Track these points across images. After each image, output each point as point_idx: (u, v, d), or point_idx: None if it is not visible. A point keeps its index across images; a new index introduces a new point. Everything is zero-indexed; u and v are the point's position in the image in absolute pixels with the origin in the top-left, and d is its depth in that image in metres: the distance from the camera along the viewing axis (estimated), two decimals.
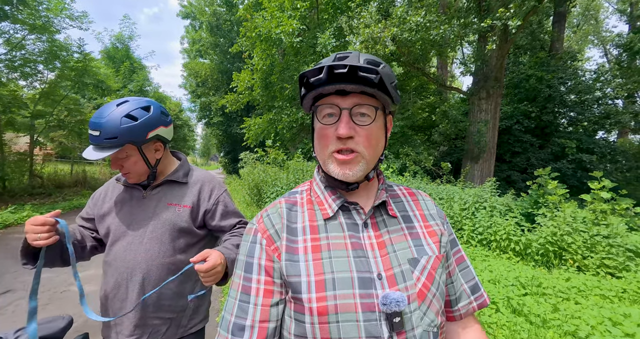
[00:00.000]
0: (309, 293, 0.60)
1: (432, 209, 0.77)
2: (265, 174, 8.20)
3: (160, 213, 1.19)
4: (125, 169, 1.13)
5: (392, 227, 0.69)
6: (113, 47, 16.77)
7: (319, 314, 0.59)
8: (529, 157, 10.12)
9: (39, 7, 8.64)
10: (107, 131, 1.03)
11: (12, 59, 9.04)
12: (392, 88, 0.63)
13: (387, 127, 0.72)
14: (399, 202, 0.76)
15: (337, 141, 0.63)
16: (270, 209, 0.73)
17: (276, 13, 8.70)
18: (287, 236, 0.67)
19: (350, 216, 0.69)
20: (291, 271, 0.63)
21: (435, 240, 0.70)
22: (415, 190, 0.82)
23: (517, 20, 6.09)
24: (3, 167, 9.05)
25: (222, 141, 21.81)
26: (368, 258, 0.64)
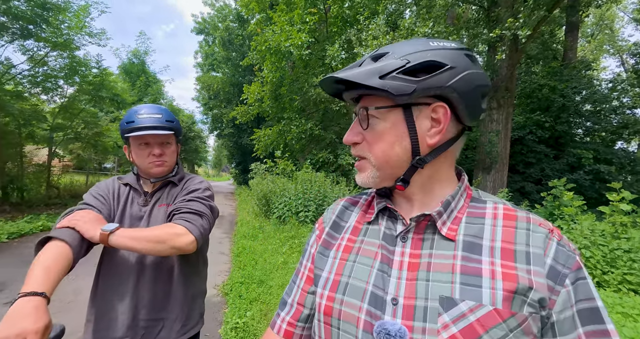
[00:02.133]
0: (323, 288, 0.61)
1: (538, 246, 0.51)
2: (274, 184, 8.21)
3: (154, 215, 1.22)
4: (165, 155, 1.24)
5: (440, 251, 0.54)
6: (130, 62, 17.43)
7: (324, 313, 0.59)
8: (543, 167, 9.85)
9: (61, 26, 9.08)
10: (167, 115, 1.24)
11: (34, 75, 9.47)
12: (385, 81, 0.53)
13: (435, 118, 0.56)
14: (477, 223, 0.56)
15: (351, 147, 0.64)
16: (333, 204, 0.76)
17: (286, 27, 8.90)
18: (329, 231, 0.69)
19: (393, 224, 0.61)
20: (319, 263, 0.66)
21: (507, 287, 0.48)
22: (525, 214, 0.56)
23: (526, 30, 6.04)
24: (22, 178, 9.35)
25: (233, 152, 22.10)
26: (390, 276, 0.55)
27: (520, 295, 0.47)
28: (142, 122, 1.18)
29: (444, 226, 0.56)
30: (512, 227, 0.54)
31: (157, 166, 1.22)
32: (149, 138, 1.20)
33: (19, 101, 8.91)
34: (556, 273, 0.49)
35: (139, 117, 1.19)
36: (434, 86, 0.53)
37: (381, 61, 0.55)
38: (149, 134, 1.18)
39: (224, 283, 4.07)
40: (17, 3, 8.19)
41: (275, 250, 5.37)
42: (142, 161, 1.21)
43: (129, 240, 1.00)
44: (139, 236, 1.02)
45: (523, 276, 0.48)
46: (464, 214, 0.58)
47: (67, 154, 14.49)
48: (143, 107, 1.24)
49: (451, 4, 7.85)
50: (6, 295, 3.48)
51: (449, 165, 0.61)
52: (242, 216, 9.32)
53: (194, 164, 29.87)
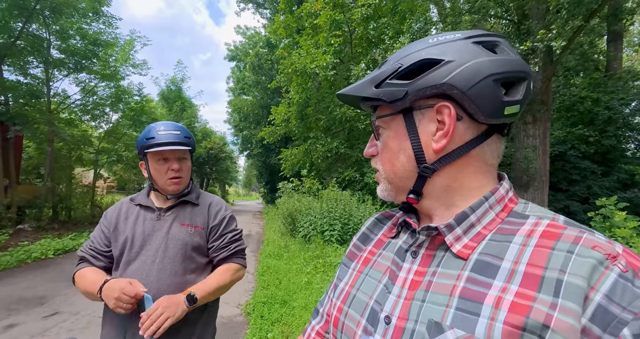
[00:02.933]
0: (337, 299, 0.60)
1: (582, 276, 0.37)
2: (299, 203, 8.21)
3: (173, 233, 1.23)
4: (182, 171, 1.27)
5: (447, 270, 0.47)
6: (167, 89, 18.80)
7: (333, 324, 0.58)
8: (590, 185, 9.04)
9: (110, 59, 10.06)
10: (185, 132, 1.29)
11: (85, 104, 10.47)
12: (380, 90, 0.51)
13: (440, 120, 0.49)
14: (502, 241, 0.45)
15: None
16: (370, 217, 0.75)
17: (311, 50, 9.20)
18: (357, 243, 0.68)
19: (411, 240, 0.55)
20: (341, 274, 0.66)
21: (511, 320, 0.38)
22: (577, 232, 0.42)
23: (561, 41, 5.77)
24: (70, 198, 10.13)
25: (262, 171, 22.62)
26: (389, 293, 0.51)
27: (532, 334, 0.36)
28: (162, 138, 1.21)
29: (457, 242, 0.48)
30: (548, 247, 0.41)
31: (174, 183, 1.25)
32: (168, 153, 1.23)
33: (71, 128, 9.83)
34: (608, 316, 0.35)
35: (158, 133, 1.22)
36: (428, 85, 0.47)
37: (378, 69, 0.53)
38: (168, 150, 1.21)
39: (247, 303, 4.02)
40: (74, 41, 9.23)
41: (300, 270, 5.28)
42: (161, 176, 1.24)
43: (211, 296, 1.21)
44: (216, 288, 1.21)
45: (540, 309, 0.37)
46: (492, 230, 0.48)
47: (110, 175, 15.61)
48: (162, 124, 1.27)
49: (478, 19, 7.76)
50: (45, 309, 3.67)
51: (474, 172, 0.51)
52: (268, 235, 9.35)
53: (225, 183, 30.84)
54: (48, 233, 7.77)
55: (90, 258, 1.24)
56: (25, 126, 8.07)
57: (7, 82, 8.06)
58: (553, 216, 0.46)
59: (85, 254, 1.25)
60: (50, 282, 4.57)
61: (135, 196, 1.34)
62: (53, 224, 8.90)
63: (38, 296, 4.01)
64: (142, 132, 1.26)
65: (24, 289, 4.23)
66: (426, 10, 11.45)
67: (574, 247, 0.39)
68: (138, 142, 1.26)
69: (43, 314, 3.52)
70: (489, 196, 0.50)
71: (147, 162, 1.27)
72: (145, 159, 1.26)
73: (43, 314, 3.50)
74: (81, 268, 1.23)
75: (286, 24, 11.61)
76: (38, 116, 8.65)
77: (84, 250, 1.26)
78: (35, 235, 7.48)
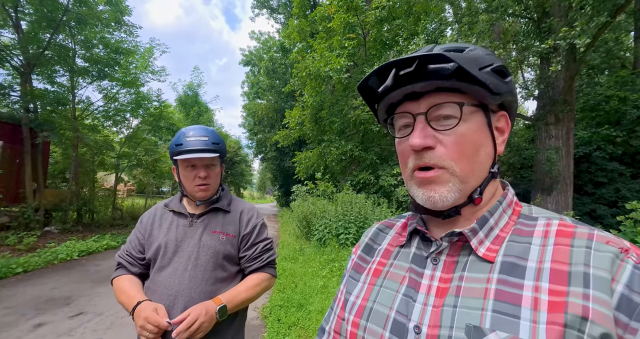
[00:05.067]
0: (350, 313, 0.58)
1: (604, 268, 0.40)
2: (314, 206, 8.21)
3: (205, 241, 1.23)
4: (210, 178, 1.25)
5: (475, 274, 0.47)
6: (185, 94, 19.30)
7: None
8: (618, 188, 8.64)
9: (130, 67, 10.42)
10: (214, 137, 1.26)
11: (107, 110, 10.86)
12: (485, 74, 0.47)
13: (499, 128, 0.53)
14: (522, 242, 0.47)
15: (413, 155, 0.51)
16: (370, 227, 0.73)
17: (325, 53, 9.23)
18: (362, 254, 0.67)
19: (425, 246, 0.55)
20: (349, 288, 0.63)
21: (555, 320, 0.38)
22: (588, 230, 0.45)
23: (585, 38, 5.56)
24: (93, 201, 10.50)
25: (276, 175, 22.80)
26: (415, 302, 0.49)
27: (572, 329, 0.37)
28: (190, 144, 1.20)
29: (481, 246, 0.49)
30: (567, 245, 0.44)
31: (201, 190, 1.24)
32: (196, 160, 1.22)
33: (94, 133, 10.21)
34: (632, 304, 0.38)
35: (187, 140, 1.21)
36: (510, 91, 0.51)
37: (471, 52, 0.49)
38: (195, 158, 1.21)
39: (263, 306, 4.04)
40: (97, 50, 9.61)
41: (315, 273, 5.26)
42: (189, 183, 1.24)
43: (241, 306, 1.21)
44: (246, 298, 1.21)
45: (575, 302, 0.38)
46: (508, 232, 0.50)
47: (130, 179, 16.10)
48: (191, 129, 1.26)
49: (495, 18, 7.59)
50: (71, 309, 3.79)
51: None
52: (283, 238, 9.38)
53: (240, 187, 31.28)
54: (73, 235, 8.07)
55: (126, 263, 1.26)
56: (52, 132, 8.44)
57: (36, 91, 8.47)
58: (560, 217, 0.50)
59: (122, 260, 1.27)
60: (75, 283, 4.73)
61: (169, 202, 1.35)
62: (77, 226, 9.24)
63: (64, 296, 4.15)
64: (173, 138, 1.26)
65: (51, 289, 4.39)
66: (441, 11, 11.32)
67: (590, 243, 0.43)
68: (169, 148, 1.27)
69: (69, 314, 3.64)
70: (502, 200, 0.53)
71: (177, 168, 1.27)
72: (176, 164, 1.27)
73: (69, 314, 3.62)
74: (119, 276, 1.25)
75: (300, 28, 11.72)
76: (64, 123, 9.03)
77: (121, 255, 1.28)
78: (61, 237, 7.78)
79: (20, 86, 8.21)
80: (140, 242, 1.27)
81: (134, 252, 1.26)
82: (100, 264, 5.99)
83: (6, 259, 5.23)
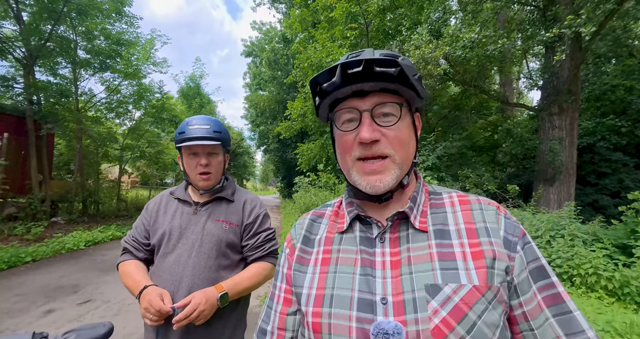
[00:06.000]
0: (307, 305, 0.58)
1: (492, 221, 0.57)
2: (315, 197, 8.26)
3: (209, 229, 1.26)
4: (211, 166, 1.27)
5: (416, 243, 0.56)
6: (187, 86, 19.22)
7: (313, 331, 0.56)
8: (621, 178, 8.59)
9: (132, 58, 10.39)
10: (216, 126, 1.29)
11: (110, 102, 10.88)
12: (415, 81, 0.57)
13: (417, 126, 0.64)
14: (440, 213, 0.61)
15: (360, 147, 0.57)
16: (299, 219, 0.75)
17: (327, 44, 9.14)
18: (302, 246, 0.67)
19: (367, 229, 0.61)
20: (298, 281, 0.63)
21: (480, 265, 0.52)
22: (475, 197, 0.62)
23: (591, 26, 5.45)
24: (98, 193, 10.63)
25: (278, 166, 22.85)
26: (375, 278, 0.55)
27: (490, 268, 0.52)
28: (192, 132, 1.23)
29: (416, 220, 0.59)
30: (469, 209, 0.60)
31: (203, 179, 1.26)
32: (197, 148, 1.25)
33: (97, 125, 10.26)
34: (509, 242, 0.55)
35: (189, 128, 1.25)
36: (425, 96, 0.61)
37: (405, 61, 0.56)
38: (196, 145, 1.23)
39: (266, 294, 4.13)
40: (99, 42, 9.57)
41: None
42: (192, 171, 1.27)
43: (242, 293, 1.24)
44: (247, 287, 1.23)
45: (487, 249, 0.54)
46: (427, 207, 0.62)
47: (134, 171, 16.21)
48: (194, 118, 1.29)
49: (500, 6, 7.44)
50: (79, 296, 3.90)
51: None
52: (286, 229, 9.48)
53: (243, 178, 31.41)
54: (79, 226, 8.21)
55: (132, 249, 1.29)
56: (56, 124, 8.50)
57: (39, 83, 8.50)
58: (453, 190, 0.66)
59: (128, 245, 1.30)
60: (83, 271, 4.85)
61: (175, 190, 1.38)
62: (83, 217, 9.39)
63: (72, 284, 4.27)
64: (179, 127, 1.30)
65: (59, 277, 4.51)
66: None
67: (481, 206, 0.60)
68: (175, 137, 1.30)
69: (77, 301, 3.75)
70: (420, 181, 0.66)
71: (182, 156, 1.30)
72: (181, 153, 1.30)
73: (77, 301, 3.73)
74: (124, 260, 1.28)
75: (302, 18, 11.57)
76: (67, 114, 9.08)
77: (127, 240, 1.31)
78: (67, 227, 7.92)
79: (23, 77, 8.24)
80: (146, 228, 1.30)
81: (139, 238, 1.30)
82: (106, 254, 6.11)
83: (15, 248, 5.36)
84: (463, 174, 7.80)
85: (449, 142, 8.45)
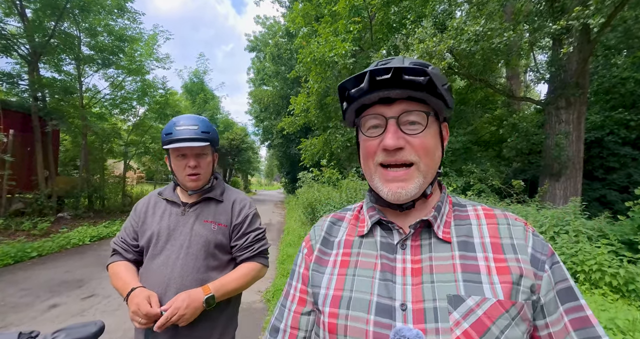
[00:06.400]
0: (324, 306, 0.59)
1: (520, 238, 0.56)
2: (319, 193, 8.25)
3: (197, 230, 1.24)
4: (200, 167, 1.26)
5: (439, 253, 0.56)
6: (190, 81, 19.24)
7: (329, 331, 0.57)
8: (630, 173, 8.43)
9: (135, 54, 10.40)
10: (204, 126, 1.26)
11: (114, 98, 10.94)
12: (444, 91, 0.56)
13: (443, 136, 0.63)
14: (464, 225, 0.60)
15: (383, 153, 0.58)
16: (319, 221, 0.76)
17: (330, 38, 9.04)
18: (321, 247, 0.69)
19: (388, 235, 0.62)
20: (316, 281, 0.64)
21: (505, 280, 0.51)
22: (502, 212, 0.62)
23: (599, 18, 5.30)
24: (104, 188, 10.74)
25: (282, 162, 22.87)
26: (395, 283, 0.55)
27: (516, 285, 0.51)
28: (179, 134, 1.21)
29: (439, 230, 0.59)
30: (495, 224, 0.59)
31: (192, 180, 1.25)
32: (185, 150, 1.23)
33: (102, 122, 10.33)
34: (537, 260, 0.54)
35: (177, 129, 1.22)
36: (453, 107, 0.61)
37: (434, 70, 0.55)
38: (185, 147, 1.21)
39: (267, 290, 4.15)
40: (102, 38, 9.59)
41: None
42: (180, 172, 1.25)
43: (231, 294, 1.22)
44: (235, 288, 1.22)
45: (513, 265, 0.53)
46: (451, 218, 0.62)
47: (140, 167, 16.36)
48: (181, 118, 1.26)
49: None
50: (83, 291, 3.96)
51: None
52: (289, 224, 9.51)
53: (247, 174, 31.50)
54: (84, 221, 8.32)
55: (121, 250, 1.29)
56: (61, 120, 8.57)
57: (43, 79, 8.55)
58: (478, 203, 0.65)
59: (117, 246, 1.30)
60: (87, 267, 4.92)
61: (163, 190, 1.36)
62: (89, 212, 9.51)
63: (77, 279, 4.33)
64: (165, 127, 1.27)
65: (64, 272, 4.58)
66: None
67: (508, 221, 0.59)
68: (161, 137, 1.27)
69: (81, 296, 3.80)
70: (444, 192, 0.66)
71: (169, 157, 1.28)
72: (168, 154, 1.27)
73: (81, 296, 3.79)
74: (114, 261, 1.28)
75: (304, 12, 11.44)
76: (72, 111, 9.14)
77: (116, 242, 1.31)
78: (73, 223, 8.03)
79: (28, 74, 8.30)
80: (135, 229, 1.29)
81: (128, 240, 1.29)
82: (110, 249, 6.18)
83: (21, 243, 5.45)
84: (467, 169, 7.72)
85: (453, 137, 8.36)
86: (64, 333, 1.06)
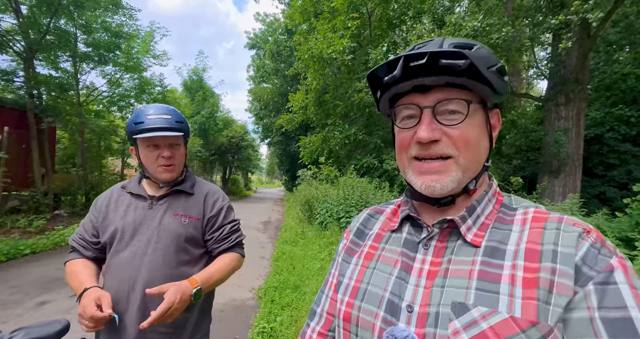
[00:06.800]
0: (343, 294, 0.60)
1: (569, 245, 0.45)
2: (316, 190, 8.22)
3: (166, 224, 1.18)
4: (175, 158, 1.21)
5: (461, 257, 0.51)
6: (190, 79, 19.18)
7: (343, 319, 0.58)
8: (630, 170, 8.36)
9: (132, 51, 10.34)
10: (177, 116, 1.21)
11: (112, 96, 10.90)
12: (491, 74, 0.50)
13: (492, 125, 0.57)
14: (503, 229, 0.52)
15: (417, 146, 0.53)
16: (360, 214, 0.75)
17: (328, 34, 8.96)
18: (353, 238, 0.69)
19: (416, 232, 0.59)
20: (342, 270, 0.65)
21: (529, 295, 0.43)
22: (559, 215, 0.50)
23: (598, 13, 5.22)
24: (101, 185, 10.73)
25: (282, 159, 22.83)
26: (407, 283, 0.53)
27: (543, 302, 0.43)
28: (152, 123, 1.14)
29: (469, 232, 0.53)
30: (540, 228, 0.49)
31: (166, 171, 1.19)
32: (159, 140, 1.16)
33: (99, 119, 10.30)
34: (580, 274, 0.43)
35: (148, 118, 1.15)
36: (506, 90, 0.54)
37: (479, 50, 0.50)
38: (158, 136, 1.14)
39: (259, 287, 4.11)
40: (99, 35, 9.54)
41: (314, 256, 5.31)
42: (151, 164, 1.18)
43: (214, 286, 1.19)
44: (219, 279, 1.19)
45: (545, 277, 0.44)
46: (492, 220, 0.54)
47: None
48: (152, 107, 1.20)
49: None
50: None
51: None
52: (287, 222, 9.48)
53: (248, 171, 31.48)
54: (81, 218, 8.29)
55: (80, 248, 1.22)
56: (57, 117, 8.53)
57: (39, 76, 8.51)
58: (536, 205, 0.55)
59: (75, 244, 1.23)
60: None
61: (127, 183, 1.29)
62: (86, 210, 9.43)
63: None
64: (132, 116, 1.19)
65: (56, 269, 4.55)
66: None
67: (559, 225, 0.48)
68: (127, 127, 1.20)
69: (71, 293, 3.76)
70: (487, 190, 0.57)
71: (137, 148, 1.20)
72: (136, 145, 1.20)
73: (71, 293, 3.74)
74: (71, 259, 1.20)
75: (303, 9, 11.33)
76: (69, 108, 9.10)
77: (74, 239, 1.24)
78: (69, 220, 8.01)
79: (24, 71, 8.26)
80: (94, 225, 1.22)
81: (87, 237, 1.22)
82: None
83: (15, 241, 5.42)
84: None
85: None
86: (23, 331, 1.00)
